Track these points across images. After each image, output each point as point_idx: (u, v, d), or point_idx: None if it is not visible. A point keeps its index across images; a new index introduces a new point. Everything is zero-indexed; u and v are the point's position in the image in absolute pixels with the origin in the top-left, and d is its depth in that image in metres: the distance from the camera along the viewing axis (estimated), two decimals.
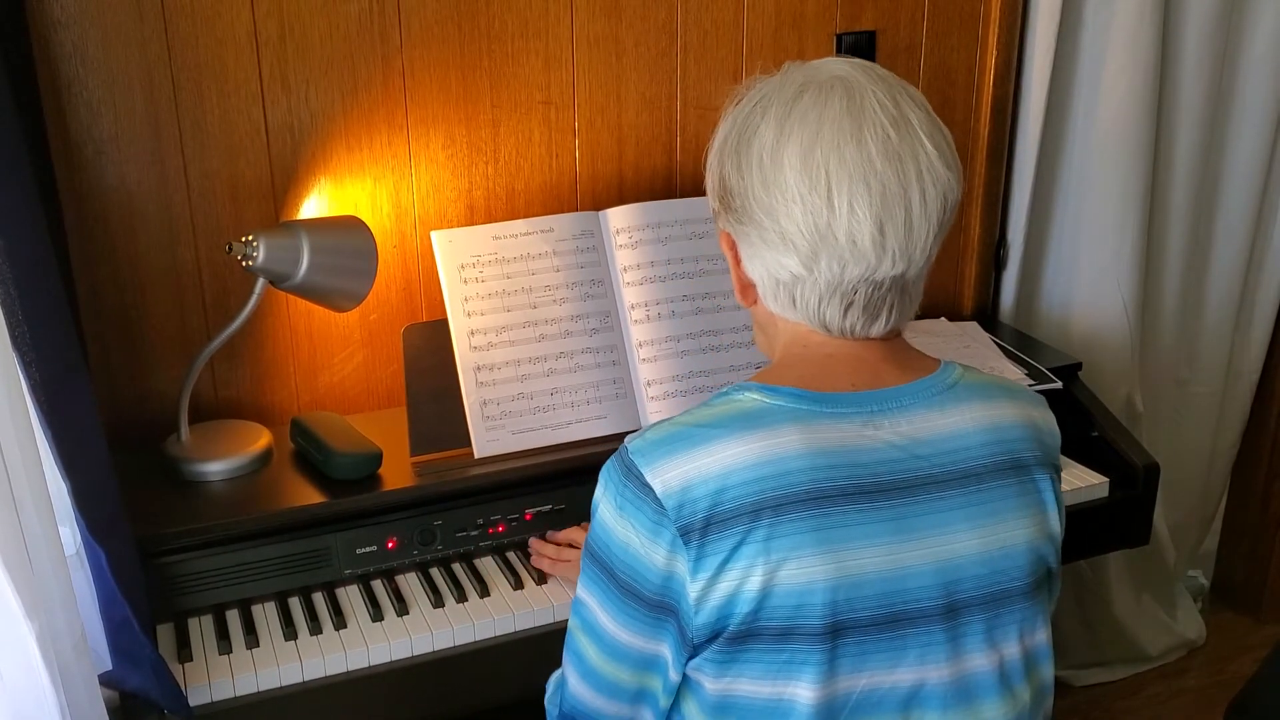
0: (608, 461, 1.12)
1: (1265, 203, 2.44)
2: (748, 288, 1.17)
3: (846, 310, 1.11)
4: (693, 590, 1.05)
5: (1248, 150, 2.36)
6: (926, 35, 2.10)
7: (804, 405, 1.08)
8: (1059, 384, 1.99)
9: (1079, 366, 2.08)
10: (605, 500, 1.10)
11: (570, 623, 1.17)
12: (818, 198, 1.06)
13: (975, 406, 1.13)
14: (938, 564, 1.08)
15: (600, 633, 1.12)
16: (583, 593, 1.14)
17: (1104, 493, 1.91)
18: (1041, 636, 1.16)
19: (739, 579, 1.04)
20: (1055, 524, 1.16)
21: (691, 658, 1.08)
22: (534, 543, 1.66)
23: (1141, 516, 1.96)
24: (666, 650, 1.09)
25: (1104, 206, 2.24)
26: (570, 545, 1.64)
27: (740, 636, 1.05)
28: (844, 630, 1.05)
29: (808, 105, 1.08)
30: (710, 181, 1.18)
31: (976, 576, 1.09)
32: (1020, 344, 2.14)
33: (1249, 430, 2.67)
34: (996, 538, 1.10)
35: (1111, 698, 2.56)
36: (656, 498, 1.05)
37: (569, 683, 1.18)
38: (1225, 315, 2.50)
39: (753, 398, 1.09)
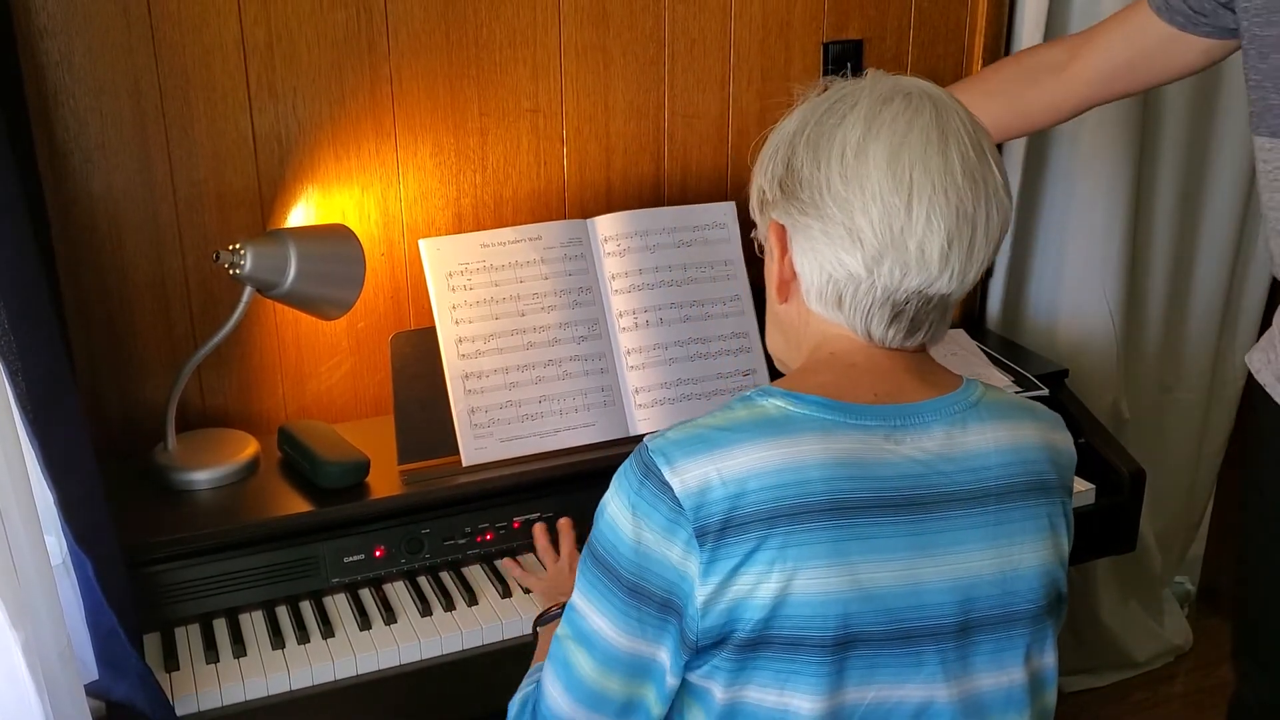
0: (624, 463, 1.10)
1: (1250, 209, 2.45)
2: (787, 283, 1.15)
3: (893, 320, 1.10)
4: (701, 593, 1.04)
5: (1232, 157, 2.37)
6: (913, 44, 2.10)
7: (828, 415, 1.07)
8: (1045, 391, 1.99)
9: (1065, 373, 2.08)
10: (616, 500, 1.09)
11: (560, 631, 1.15)
12: (899, 200, 1.05)
13: (996, 426, 1.12)
14: (954, 582, 1.07)
15: (595, 639, 1.10)
16: (579, 599, 1.12)
17: (1090, 499, 1.91)
18: (1049, 660, 1.15)
19: (751, 585, 1.03)
20: (1066, 548, 1.16)
21: (694, 662, 1.07)
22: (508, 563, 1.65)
23: (1128, 523, 1.97)
24: (665, 655, 1.08)
25: (1089, 214, 2.24)
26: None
27: (751, 644, 1.05)
28: (854, 643, 1.05)
29: (898, 109, 1.08)
30: (768, 169, 1.14)
31: (989, 597, 1.09)
32: (1007, 351, 2.14)
33: (1234, 436, 2.68)
34: (1010, 559, 1.10)
35: (1099, 704, 2.56)
36: (675, 496, 1.04)
37: (548, 695, 1.14)
38: (1210, 322, 2.51)
39: (777, 404, 1.08)
